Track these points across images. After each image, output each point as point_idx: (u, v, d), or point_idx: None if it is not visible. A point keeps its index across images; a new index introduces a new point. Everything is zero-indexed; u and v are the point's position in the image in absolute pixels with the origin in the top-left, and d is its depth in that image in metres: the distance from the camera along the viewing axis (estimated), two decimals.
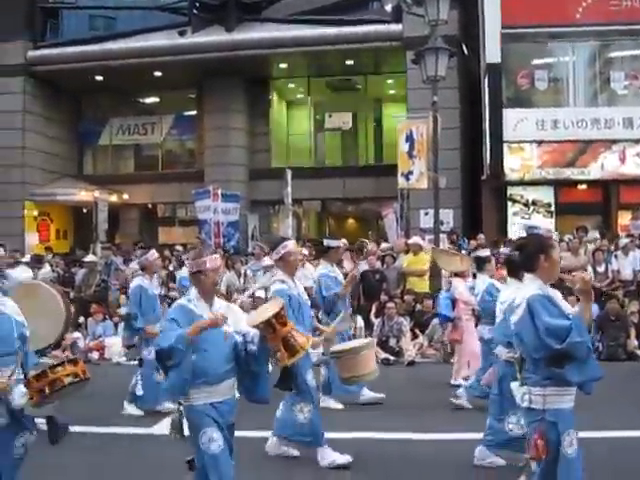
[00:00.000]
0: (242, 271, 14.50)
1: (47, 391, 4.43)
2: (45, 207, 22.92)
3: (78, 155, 24.98)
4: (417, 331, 12.83)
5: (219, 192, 19.46)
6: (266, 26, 20.69)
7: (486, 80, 18.17)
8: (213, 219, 19.17)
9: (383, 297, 13.21)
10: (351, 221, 24.80)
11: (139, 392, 8.38)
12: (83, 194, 21.88)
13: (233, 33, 20.48)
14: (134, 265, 15.99)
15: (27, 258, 14.77)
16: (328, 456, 6.26)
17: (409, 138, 16.44)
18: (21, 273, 10.99)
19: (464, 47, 19.53)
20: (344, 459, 6.24)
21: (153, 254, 9.14)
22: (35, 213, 22.54)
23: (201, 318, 4.42)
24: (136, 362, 8.91)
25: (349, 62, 21.14)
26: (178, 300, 4.81)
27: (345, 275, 9.20)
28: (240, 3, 20.78)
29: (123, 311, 12.81)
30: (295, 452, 6.56)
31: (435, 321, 12.26)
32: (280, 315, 4.41)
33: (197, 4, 21.02)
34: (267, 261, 14.22)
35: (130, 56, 20.91)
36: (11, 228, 21.26)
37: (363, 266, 14.20)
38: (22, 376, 4.59)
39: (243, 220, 21.11)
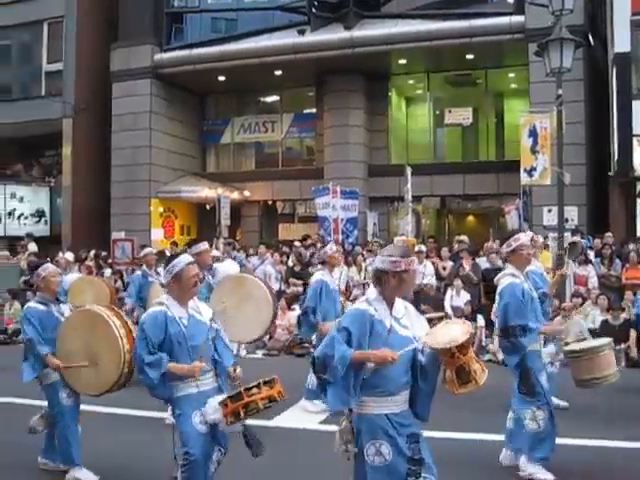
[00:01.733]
0: (363, 266, 14.56)
1: (242, 414, 4.44)
2: (170, 204, 23.68)
3: (201, 153, 25.70)
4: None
5: (338, 189, 19.57)
6: (385, 22, 20.60)
7: (614, 71, 17.40)
8: (332, 216, 19.30)
9: None
10: (471, 218, 24.39)
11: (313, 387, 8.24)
12: (206, 191, 22.45)
13: (352, 30, 20.48)
14: (255, 260, 16.41)
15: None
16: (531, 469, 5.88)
17: (532, 133, 15.98)
18: (230, 267, 11.37)
19: (590, 37, 18.80)
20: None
21: (332, 248, 9.04)
22: (160, 209, 23.33)
23: (380, 324, 4.00)
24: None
25: (469, 56, 20.73)
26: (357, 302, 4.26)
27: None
28: (359, 0, 20.77)
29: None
30: None
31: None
32: (465, 345, 3.89)
33: (316, 3, 21.18)
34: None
35: (251, 56, 21.30)
36: (138, 224, 22.15)
37: (484, 264, 13.94)
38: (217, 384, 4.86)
39: (362, 217, 21.14)
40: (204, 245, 7.97)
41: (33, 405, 6.76)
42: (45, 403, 6.35)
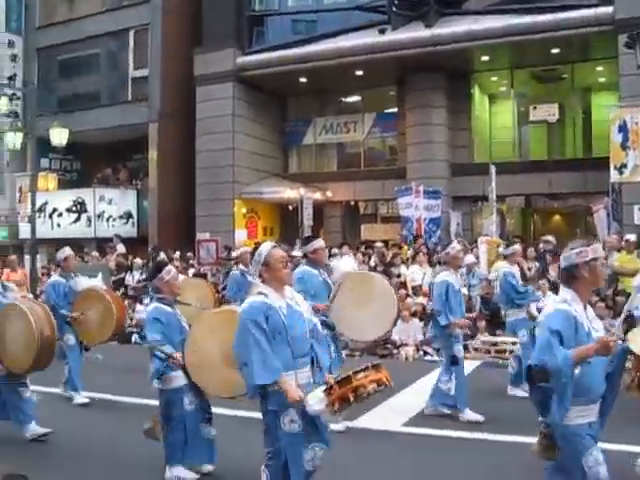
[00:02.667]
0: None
1: (351, 399, 4.27)
2: (253, 205, 23.93)
3: (283, 154, 25.87)
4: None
5: (421, 189, 19.40)
6: (466, 19, 20.28)
7: None
8: (415, 216, 19.15)
9: (594, 298, 12.53)
10: (557, 218, 23.82)
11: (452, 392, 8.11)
12: (288, 192, 22.59)
13: (433, 28, 20.25)
14: (335, 262, 16.38)
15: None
16: None
17: (622, 128, 15.48)
18: (347, 264, 11.42)
19: None
20: None
21: (454, 247, 8.74)
22: (244, 210, 23.59)
23: (582, 327, 3.86)
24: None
25: (554, 50, 20.20)
26: (556, 301, 4.07)
27: None
28: None
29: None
30: None
31: None
32: None
33: (396, 1, 20.97)
34: (469, 259, 14.04)
35: (332, 57, 21.30)
36: (222, 225, 22.47)
37: None
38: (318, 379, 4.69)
39: (445, 217, 20.88)
40: (319, 242, 7.91)
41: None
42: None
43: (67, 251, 9.82)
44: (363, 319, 7.69)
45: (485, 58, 21.31)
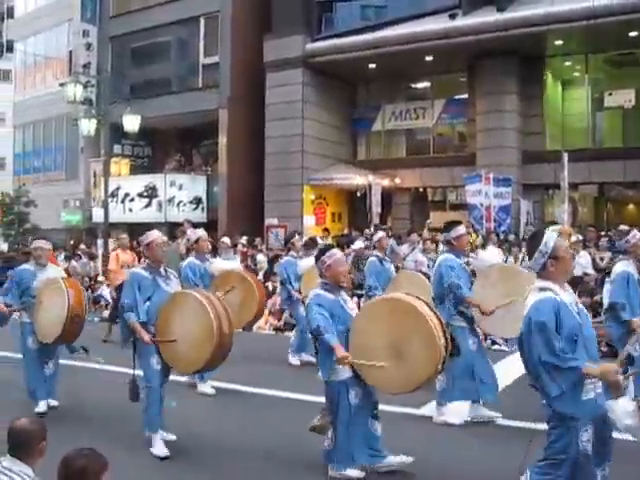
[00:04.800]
0: (519, 257, 14.15)
1: None
2: (321, 191, 24.01)
3: (352, 141, 25.83)
4: None
5: (491, 176, 19.14)
6: (540, 2, 19.84)
7: None
8: (484, 203, 18.91)
9: None
10: (632, 207, 23.25)
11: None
12: (357, 178, 22.58)
13: (505, 12, 19.90)
14: (405, 248, 16.32)
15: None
16: None
17: None
18: (493, 255, 11.24)
19: None
20: None
21: (635, 235, 7.81)
22: (312, 197, 23.69)
23: None
24: None
25: (632, 34, 19.56)
26: None
27: None
28: None
29: None
30: None
31: None
32: None
33: None
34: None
35: (401, 42, 21.14)
36: (291, 211, 22.61)
37: None
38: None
39: (515, 205, 20.56)
40: (463, 229, 7.71)
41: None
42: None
43: (199, 232, 9.69)
44: (504, 315, 7.27)
45: (559, 42, 20.85)
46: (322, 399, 5.95)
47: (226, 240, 14.41)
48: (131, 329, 6.55)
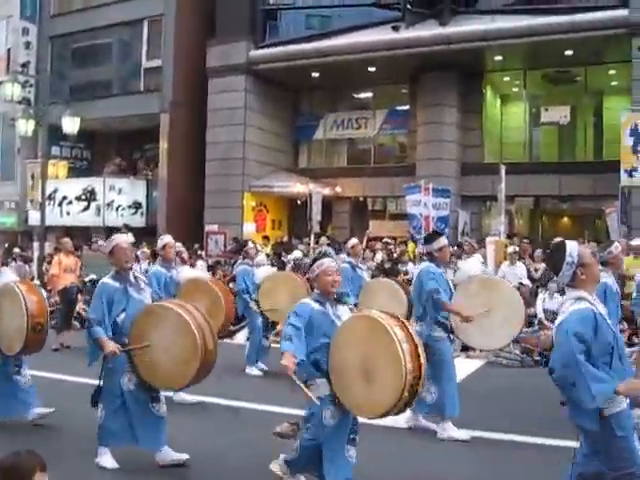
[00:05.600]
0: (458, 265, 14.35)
1: None
2: (262, 198, 23.99)
3: (294, 149, 25.91)
4: (635, 338, 12.11)
5: (430, 187, 19.38)
6: (480, 18, 20.27)
7: None
8: (423, 214, 19.12)
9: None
10: (566, 220, 23.80)
11: None
12: (298, 186, 22.63)
13: (447, 26, 20.24)
14: (343, 256, 16.42)
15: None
16: None
17: (634, 132, 15.47)
18: (474, 265, 11.09)
19: None
20: None
21: (617, 247, 7.86)
22: (253, 204, 23.66)
23: None
24: None
25: (568, 52, 20.14)
26: None
27: None
28: None
29: None
30: None
31: None
32: None
33: None
34: (476, 257, 14.08)
35: (345, 52, 21.32)
36: (231, 217, 22.54)
37: None
38: None
39: (453, 215, 20.88)
40: (444, 240, 7.65)
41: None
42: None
43: (166, 239, 9.01)
44: (486, 326, 7.37)
45: (498, 58, 21.30)
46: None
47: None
48: (98, 345, 6.03)
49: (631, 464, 3.96)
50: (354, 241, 11.07)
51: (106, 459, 6.12)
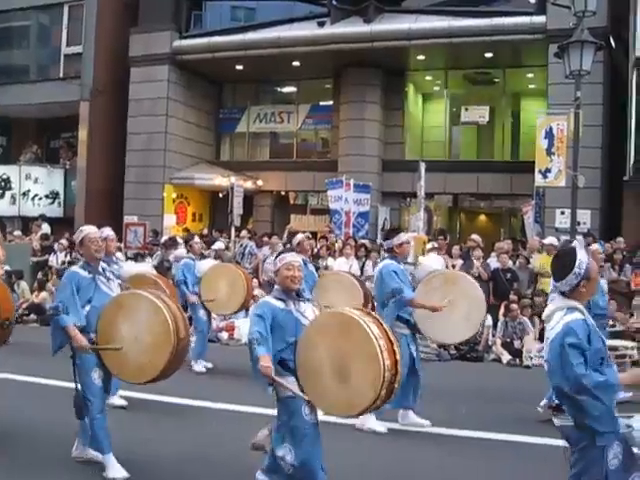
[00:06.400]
0: (377, 262, 14.48)
1: None
2: (183, 190, 23.77)
3: (216, 141, 25.73)
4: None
5: (351, 182, 19.58)
6: (405, 17, 20.55)
7: (634, 75, 17.35)
8: (344, 209, 19.32)
9: (512, 297, 12.93)
10: (482, 217, 24.34)
11: None
12: (220, 179, 22.50)
13: (371, 24, 20.45)
14: (265, 250, 16.46)
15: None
16: None
17: (548, 134, 15.90)
18: (435, 261, 10.92)
19: (611, 40, 18.70)
20: None
21: (592, 247, 8.22)
22: (174, 196, 23.42)
23: None
24: None
25: (488, 55, 20.65)
26: None
27: None
28: None
29: None
30: None
31: None
32: None
33: None
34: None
35: (270, 46, 21.29)
36: (151, 209, 22.24)
37: (494, 264, 13.93)
38: None
39: (374, 211, 21.14)
40: (405, 236, 7.63)
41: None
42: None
43: (107, 231, 8.73)
44: (450, 320, 7.44)
45: (421, 57, 21.60)
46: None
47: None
48: (66, 334, 5.73)
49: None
50: (300, 237, 10.97)
51: (116, 469, 5.71)
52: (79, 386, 5.82)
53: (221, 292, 10.50)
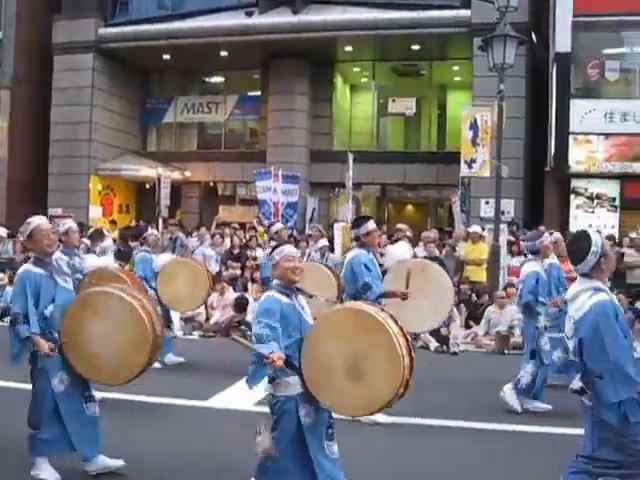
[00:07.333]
0: (306, 252, 14.56)
1: None
2: (109, 181, 23.40)
3: (143, 132, 25.41)
4: (471, 322, 12.82)
5: (280, 173, 19.59)
6: (333, 8, 20.63)
7: (554, 69, 17.86)
8: (273, 199, 19.32)
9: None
10: (410, 207, 24.69)
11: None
12: (146, 170, 22.23)
13: (299, 15, 20.48)
14: (194, 241, 16.36)
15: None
16: None
17: (473, 126, 16.22)
18: (404, 250, 10.70)
19: (533, 35, 19.19)
20: None
21: (547, 237, 8.08)
22: (99, 187, 23.03)
23: None
24: None
25: (415, 47, 20.95)
26: None
27: None
28: None
29: None
30: None
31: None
32: None
33: None
34: (323, 242, 14.38)
35: (197, 35, 21.12)
36: (76, 201, 21.84)
37: (421, 252, 14.15)
38: None
39: (302, 202, 21.21)
40: (372, 224, 7.32)
41: None
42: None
43: (69, 223, 7.91)
44: (418, 309, 7.27)
45: (349, 49, 21.75)
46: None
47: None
48: (26, 342, 5.29)
49: None
50: (279, 226, 10.84)
51: (46, 470, 5.37)
52: (35, 391, 5.44)
53: (181, 288, 9.99)
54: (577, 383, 4.19)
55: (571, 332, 4.26)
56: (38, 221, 5.55)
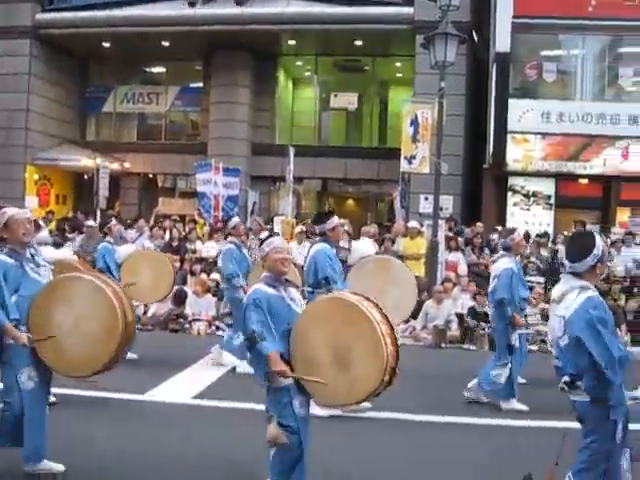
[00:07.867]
0: (248, 244, 14.50)
1: None
2: (46, 171, 22.90)
3: (81, 121, 24.89)
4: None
5: (220, 166, 19.46)
6: (277, 1, 20.51)
7: (494, 69, 18.14)
8: (213, 192, 19.19)
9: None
10: (351, 202, 24.80)
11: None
12: (85, 160, 21.82)
13: (243, 7, 20.32)
14: (133, 233, 16.14)
15: None
16: None
17: (414, 122, 16.39)
18: (368, 246, 10.49)
19: (474, 34, 19.47)
20: None
21: (520, 234, 8.19)
22: (36, 177, 22.52)
23: None
24: None
25: (358, 43, 21.05)
26: None
27: None
28: None
29: None
30: None
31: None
32: None
33: None
34: (263, 236, 14.34)
35: (138, 24, 20.81)
36: (12, 191, 21.26)
37: None
38: None
39: (243, 195, 21.11)
40: (337, 219, 7.32)
41: None
42: None
43: (9, 211, 7.63)
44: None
45: (292, 42, 21.74)
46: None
47: None
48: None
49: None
50: (236, 220, 10.72)
51: None
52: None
53: (145, 279, 9.72)
54: (566, 379, 4.23)
55: (560, 331, 4.26)
56: (13, 211, 5.42)
